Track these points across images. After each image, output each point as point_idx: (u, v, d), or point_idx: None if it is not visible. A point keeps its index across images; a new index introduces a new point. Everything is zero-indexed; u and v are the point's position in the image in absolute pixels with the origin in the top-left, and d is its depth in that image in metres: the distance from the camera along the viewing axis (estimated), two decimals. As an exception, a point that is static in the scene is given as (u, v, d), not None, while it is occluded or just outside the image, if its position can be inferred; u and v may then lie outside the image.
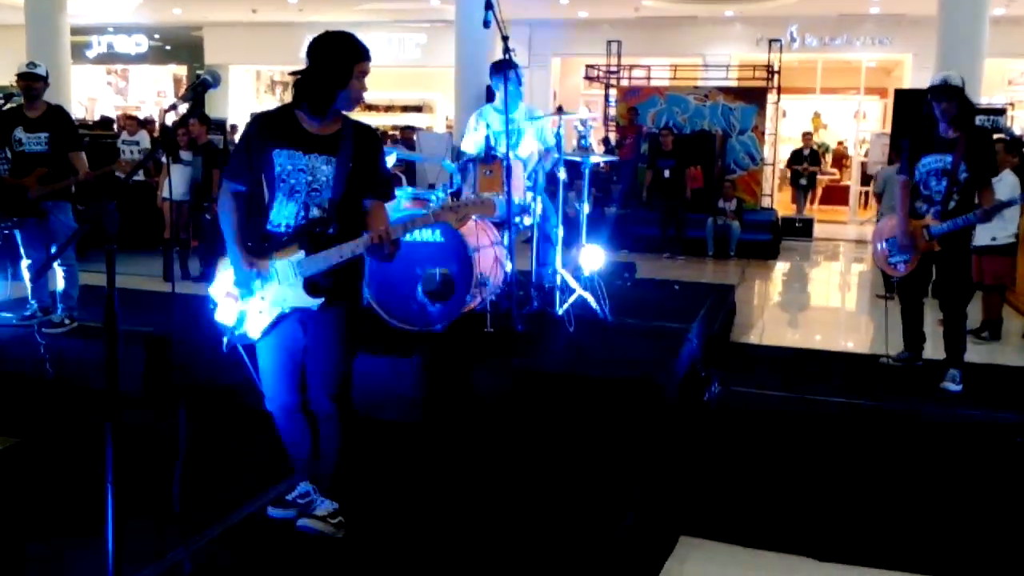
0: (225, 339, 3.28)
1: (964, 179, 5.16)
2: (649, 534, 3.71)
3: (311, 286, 3.14)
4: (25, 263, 5.88)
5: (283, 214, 3.18)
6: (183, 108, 3.00)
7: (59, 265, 5.77)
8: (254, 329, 3.23)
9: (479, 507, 3.64)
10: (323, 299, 3.14)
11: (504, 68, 5.30)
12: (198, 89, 2.90)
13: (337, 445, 3.30)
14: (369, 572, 3.11)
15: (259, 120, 3.32)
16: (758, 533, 3.79)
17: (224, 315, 3.27)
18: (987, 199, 5.21)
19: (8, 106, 6.17)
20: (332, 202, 3.15)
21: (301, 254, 3.12)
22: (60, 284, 5.83)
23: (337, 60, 3.14)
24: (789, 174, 16.46)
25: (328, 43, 3.15)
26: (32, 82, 5.76)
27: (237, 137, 13.94)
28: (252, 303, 3.22)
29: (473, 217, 5.14)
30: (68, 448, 4.26)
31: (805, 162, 16.01)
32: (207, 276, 8.88)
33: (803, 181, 15.99)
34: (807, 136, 16.71)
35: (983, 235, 6.92)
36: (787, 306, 9.89)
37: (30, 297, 5.95)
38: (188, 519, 3.08)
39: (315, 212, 3.17)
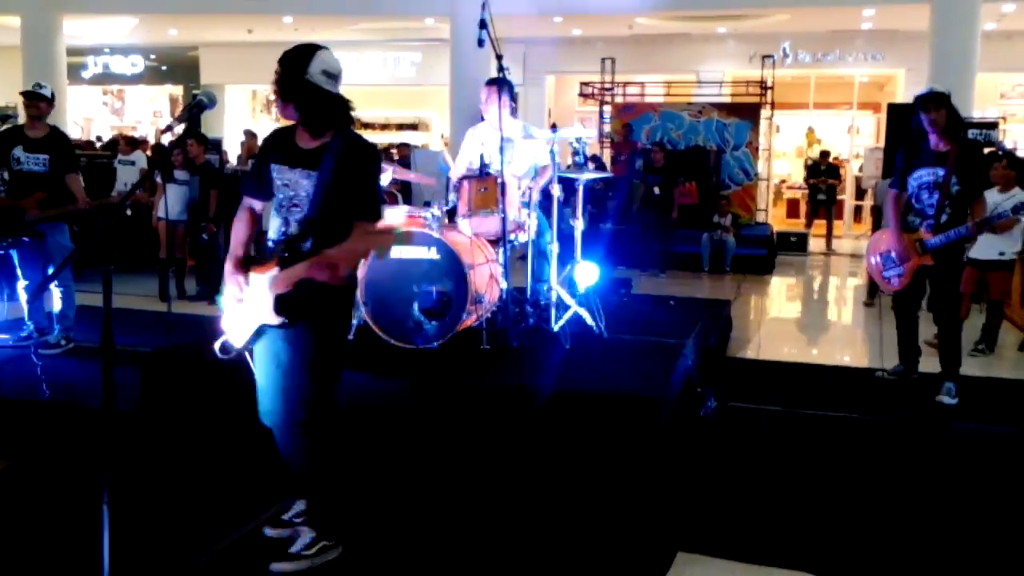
0: (217, 344, 3.29)
1: (956, 192, 5.19)
2: (646, 550, 3.70)
3: (279, 302, 3.08)
4: (22, 284, 5.88)
5: (273, 228, 3.23)
6: (179, 129, 3.01)
7: (56, 286, 5.77)
8: (237, 338, 3.24)
9: (475, 523, 3.63)
10: (283, 319, 3.07)
11: (496, 85, 5.34)
12: (194, 110, 2.92)
13: (311, 469, 3.24)
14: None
15: (268, 135, 3.40)
16: (755, 548, 3.79)
17: (224, 321, 3.31)
18: (978, 211, 5.24)
19: (5, 127, 6.19)
20: (307, 219, 3.10)
21: (276, 270, 3.10)
22: (57, 305, 5.83)
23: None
24: (808, 189, 15.76)
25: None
26: (38, 101, 5.77)
27: (232, 159, 13.98)
28: (236, 313, 3.22)
29: (471, 233, 5.17)
30: (63, 469, 4.24)
31: (823, 175, 15.23)
32: (204, 295, 8.88)
33: (821, 196, 15.18)
34: (824, 155, 16.19)
35: (991, 250, 6.92)
36: (783, 321, 9.91)
37: (27, 318, 5.96)
38: (184, 537, 3.07)
39: (293, 228, 3.16)
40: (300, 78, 3.05)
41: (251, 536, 3.46)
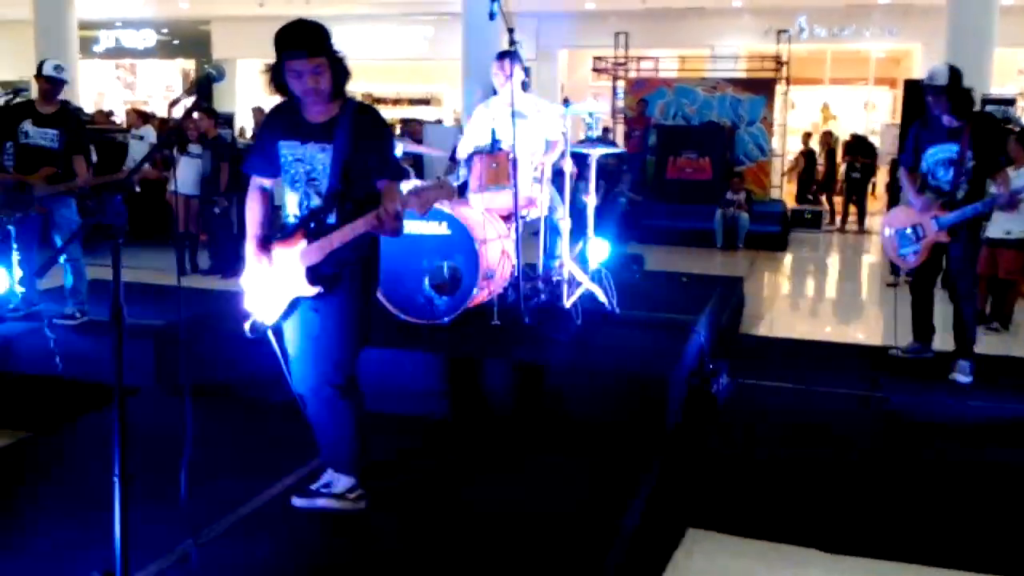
0: (247, 324, 3.36)
1: (971, 167, 5.15)
2: (657, 526, 3.70)
3: (313, 274, 3.17)
4: (16, 258, 5.87)
5: (291, 204, 3.29)
6: (188, 102, 3.00)
7: (64, 261, 5.77)
8: (269, 316, 3.31)
9: (490, 498, 3.64)
10: (320, 288, 3.17)
11: (507, 58, 5.31)
12: (203, 83, 2.91)
13: (351, 429, 3.35)
14: (377, 559, 3.12)
15: (269, 113, 3.38)
16: (765, 525, 3.79)
17: (248, 302, 3.35)
18: (1006, 184, 5.19)
19: (16, 100, 6.19)
20: (330, 191, 3.17)
21: (303, 243, 3.17)
22: (69, 280, 5.85)
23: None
24: (844, 167, 14.91)
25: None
26: (55, 85, 5.81)
27: (248, 133, 13.95)
28: (265, 291, 3.28)
29: (482, 209, 5.15)
30: (77, 441, 4.28)
31: (859, 154, 14.29)
32: (216, 269, 8.91)
33: (856, 175, 14.21)
34: (855, 137, 15.35)
35: (998, 228, 6.89)
36: (796, 298, 9.87)
37: (15, 289, 5.94)
38: (196, 511, 3.09)
39: (316, 201, 3.22)
40: (333, 44, 3.10)
41: (273, 503, 3.50)
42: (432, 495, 3.67)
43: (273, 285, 3.26)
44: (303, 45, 3.04)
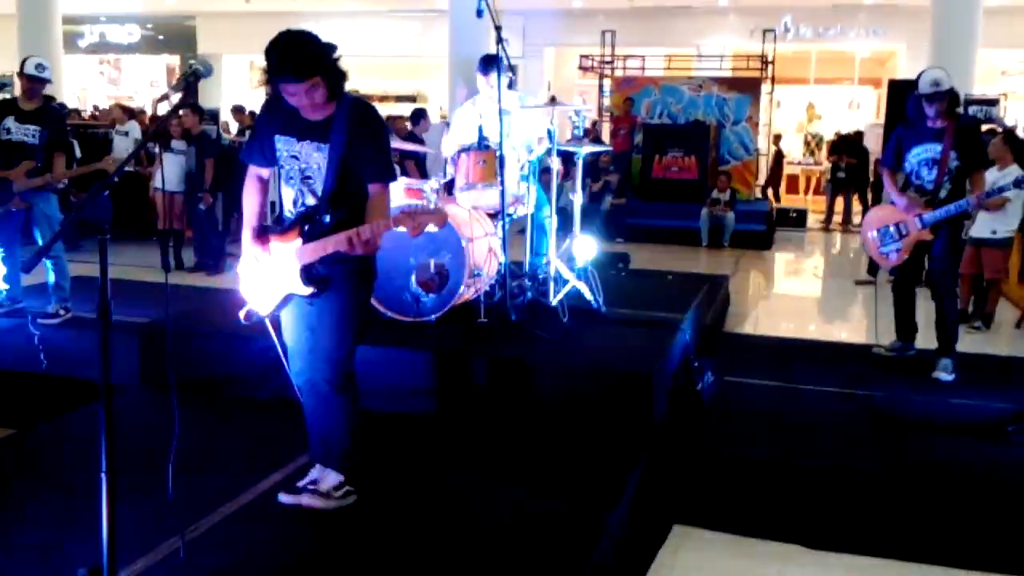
0: (242, 312, 3.38)
1: (955, 167, 5.21)
2: (643, 523, 3.72)
3: (307, 274, 3.17)
4: None
5: (288, 199, 3.30)
6: (175, 98, 3.00)
7: (44, 258, 5.74)
8: (263, 306, 3.32)
9: (476, 495, 3.65)
10: (314, 290, 3.18)
11: (492, 62, 5.32)
12: (190, 79, 2.89)
13: (342, 426, 3.36)
14: (363, 555, 3.12)
15: (266, 103, 3.37)
16: (751, 522, 3.81)
17: (244, 290, 3.37)
18: (978, 185, 5.25)
19: (1, 96, 6.17)
20: (325, 191, 3.17)
21: (299, 241, 3.17)
22: (52, 277, 5.82)
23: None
24: (828, 169, 14.85)
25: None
26: (36, 84, 5.79)
27: (232, 130, 13.88)
28: (260, 281, 3.29)
29: (469, 206, 5.15)
30: (62, 438, 4.26)
31: (844, 154, 14.32)
32: (201, 266, 8.88)
33: (841, 174, 14.28)
34: (840, 136, 15.38)
35: (983, 228, 6.96)
36: (781, 296, 9.92)
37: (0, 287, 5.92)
38: (183, 508, 3.08)
39: (310, 200, 3.23)
40: (327, 53, 3.05)
41: (260, 500, 3.50)
42: (418, 492, 3.67)
43: (269, 277, 3.27)
44: (291, 72, 2.99)
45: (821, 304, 9.60)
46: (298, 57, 2.98)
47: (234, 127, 13.91)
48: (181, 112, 8.50)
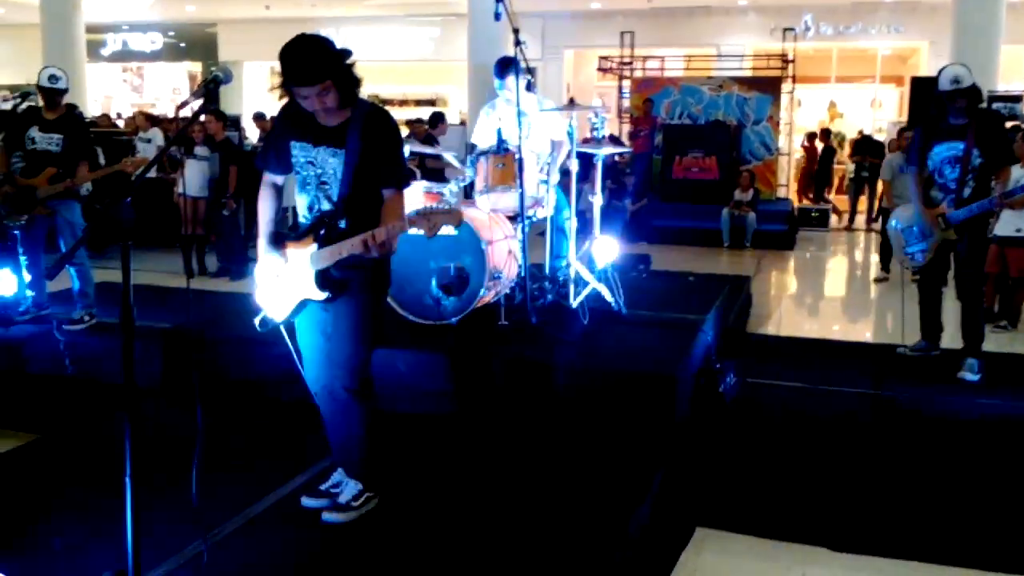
0: (257, 319, 3.38)
1: (978, 164, 5.15)
2: (665, 525, 3.71)
3: (322, 279, 3.18)
4: (24, 261, 5.91)
5: (303, 205, 3.31)
6: (195, 104, 3.03)
7: (68, 265, 5.80)
8: (278, 312, 3.33)
9: (499, 497, 3.65)
10: (329, 294, 3.19)
11: (509, 66, 5.32)
12: (210, 86, 2.91)
13: (361, 432, 3.37)
14: (386, 558, 3.13)
15: (282, 109, 3.37)
16: (774, 524, 3.79)
17: (260, 296, 3.38)
18: (1005, 181, 5.19)
19: (24, 105, 6.23)
20: (341, 196, 3.19)
21: (314, 247, 3.18)
22: (76, 284, 5.88)
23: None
24: (852, 168, 14.52)
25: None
26: (52, 94, 5.86)
27: (253, 137, 13.96)
28: (275, 287, 3.30)
29: (489, 209, 5.15)
30: (88, 443, 4.30)
31: (867, 153, 13.98)
32: (224, 271, 8.94)
33: (864, 173, 14.00)
34: (863, 136, 15.15)
35: (1008, 226, 6.87)
36: (804, 297, 9.85)
37: (27, 293, 5.98)
38: (207, 511, 3.10)
39: (326, 205, 3.24)
40: (338, 57, 3.07)
41: (283, 504, 3.52)
42: (440, 494, 3.68)
43: (284, 283, 3.28)
44: (305, 76, 3.01)
45: (844, 304, 9.52)
46: (309, 61, 3.01)
47: (255, 134, 13.99)
48: (204, 118, 8.57)
